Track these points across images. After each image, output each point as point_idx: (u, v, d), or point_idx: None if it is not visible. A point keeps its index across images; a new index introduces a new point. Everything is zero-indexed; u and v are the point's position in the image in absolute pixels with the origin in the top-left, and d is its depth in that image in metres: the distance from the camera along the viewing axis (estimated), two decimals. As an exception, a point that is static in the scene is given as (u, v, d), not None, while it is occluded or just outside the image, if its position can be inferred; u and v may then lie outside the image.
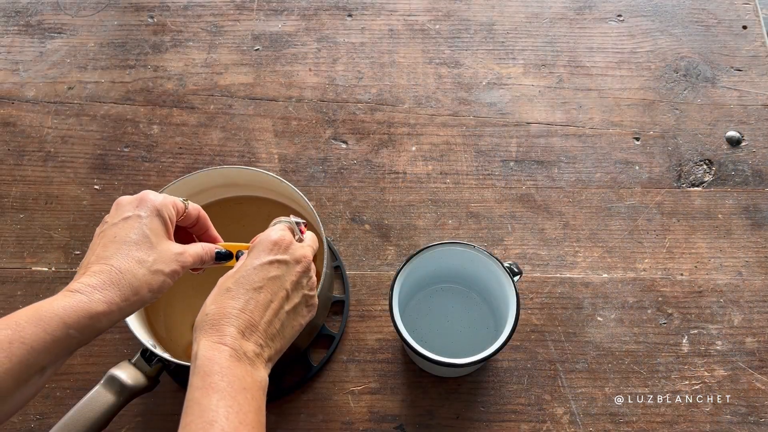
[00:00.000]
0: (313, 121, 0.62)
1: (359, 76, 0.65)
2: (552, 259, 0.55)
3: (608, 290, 0.54)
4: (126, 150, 0.61)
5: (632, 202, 0.58)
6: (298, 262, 0.36)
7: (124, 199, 0.37)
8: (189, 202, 0.39)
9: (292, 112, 0.63)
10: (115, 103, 0.63)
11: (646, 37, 0.66)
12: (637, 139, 0.61)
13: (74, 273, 0.55)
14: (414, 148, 0.61)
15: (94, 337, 0.32)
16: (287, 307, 0.35)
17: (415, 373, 0.51)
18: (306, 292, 0.36)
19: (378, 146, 0.61)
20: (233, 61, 0.66)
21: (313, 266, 0.37)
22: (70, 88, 0.64)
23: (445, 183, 0.59)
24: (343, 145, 0.61)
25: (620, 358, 0.51)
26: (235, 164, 0.60)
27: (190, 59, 0.66)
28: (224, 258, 0.40)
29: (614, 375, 0.51)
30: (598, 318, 0.53)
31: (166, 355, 0.44)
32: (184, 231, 0.42)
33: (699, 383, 0.50)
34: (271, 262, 0.35)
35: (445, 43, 0.66)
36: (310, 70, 0.65)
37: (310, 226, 0.53)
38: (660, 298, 0.54)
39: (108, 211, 0.37)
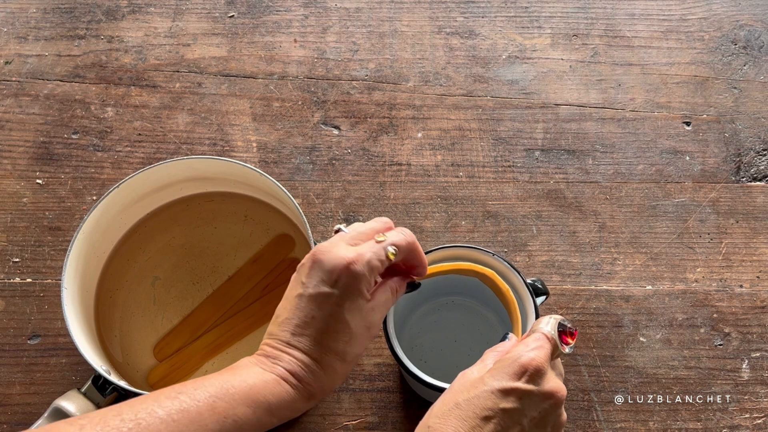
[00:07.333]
0: (299, 103, 0.62)
1: (354, 48, 0.65)
2: (585, 267, 0.55)
3: (653, 305, 0.54)
4: (75, 137, 0.61)
5: (682, 200, 0.58)
6: (546, 397, 0.35)
7: (328, 262, 0.37)
8: (395, 249, 0.39)
9: (274, 92, 0.63)
10: (61, 80, 0.63)
11: (698, 1, 0.66)
12: (688, 123, 0.61)
13: (11, 284, 0.55)
14: (420, 135, 0.61)
15: None
16: None
17: (420, 404, 0.51)
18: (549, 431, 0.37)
19: (377, 132, 0.61)
20: (203, 31, 0.66)
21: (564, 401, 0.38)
22: (7, 63, 0.64)
23: (458, 176, 0.59)
24: (335, 131, 0.61)
25: (667, 387, 0.51)
26: (205, 154, 0.60)
27: (152, 28, 0.66)
28: (413, 288, 0.42)
29: (660, 407, 0.51)
30: (641, 338, 0.53)
31: (123, 383, 0.44)
32: None
33: (762, 417, 0.50)
34: (510, 390, 0.35)
35: (458, 8, 0.66)
36: (295, 41, 0.65)
37: (298, 231, 0.53)
38: (715, 315, 0.54)
39: (51, 209, 0.36)
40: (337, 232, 0.40)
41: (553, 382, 0.36)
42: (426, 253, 0.45)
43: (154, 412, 0.32)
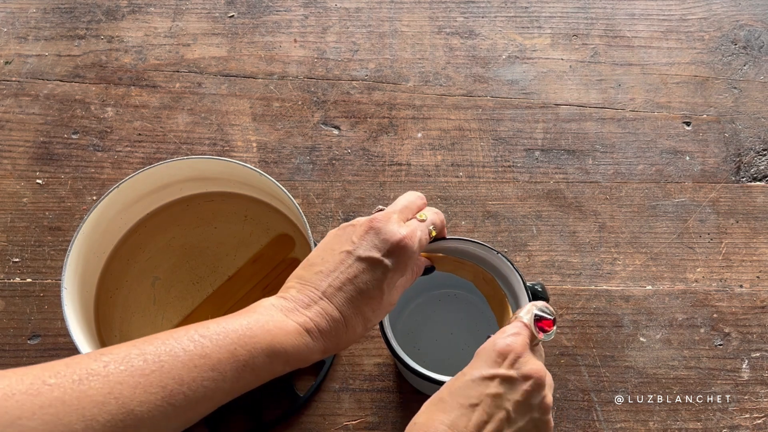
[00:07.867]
0: (299, 103, 0.63)
1: (354, 48, 0.65)
2: (585, 267, 0.56)
3: (653, 305, 0.54)
4: (75, 137, 0.61)
5: (682, 200, 0.58)
6: (526, 379, 0.36)
7: (385, 233, 0.38)
8: (433, 227, 0.41)
9: (274, 92, 0.63)
10: (61, 80, 0.64)
11: (698, 1, 0.66)
12: (688, 123, 0.61)
13: (11, 284, 0.55)
14: (420, 135, 0.61)
15: None
16: (507, 431, 0.36)
17: (420, 403, 0.51)
18: (535, 415, 0.37)
19: (377, 132, 0.61)
20: (203, 31, 0.66)
21: (549, 381, 0.38)
22: (7, 63, 0.65)
23: (458, 176, 0.59)
24: (335, 131, 0.61)
25: (667, 387, 0.52)
26: (205, 154, 0.60)
27: (152, 28, 0.66)
28: (427, 272, 0.44)
29: (660, 407, 0.51)
30: (641, 338, 0.53)
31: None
32: None
33: (762, 417, 0.51)
34: (491, 377, 0.36)
35: (458, 8, 0.67)
36: (295, 41, 0.66)
37: (298, 231, 0.54)
38: (715, 315, 0.54)
39: (51, 209, 0.37)
40: (378, 212, 0.41)
41: (532, 364, 0.37)
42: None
43: (176, 356, 0.32)
